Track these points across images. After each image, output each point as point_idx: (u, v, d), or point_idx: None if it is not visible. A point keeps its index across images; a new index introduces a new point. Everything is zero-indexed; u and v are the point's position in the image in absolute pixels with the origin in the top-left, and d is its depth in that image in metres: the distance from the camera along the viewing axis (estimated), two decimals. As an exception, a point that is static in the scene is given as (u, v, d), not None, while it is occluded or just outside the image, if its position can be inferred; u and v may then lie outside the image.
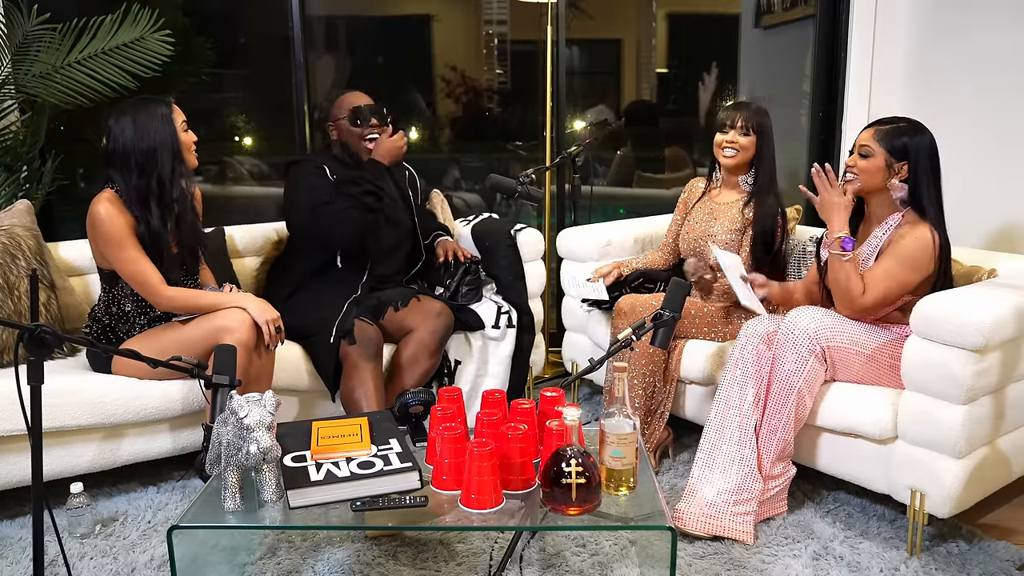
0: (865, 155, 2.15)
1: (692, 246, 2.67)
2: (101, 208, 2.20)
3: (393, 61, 4.04)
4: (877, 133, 2.14)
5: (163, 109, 2.26)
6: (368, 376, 2.36)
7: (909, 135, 2.11)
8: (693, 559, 2.01)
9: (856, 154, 2.17)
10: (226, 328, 2.19)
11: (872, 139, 2.14)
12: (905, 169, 2.11)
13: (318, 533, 2.12)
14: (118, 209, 2.22)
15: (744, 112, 2.54)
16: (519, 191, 3.01)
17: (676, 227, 2.81)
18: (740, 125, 2.53)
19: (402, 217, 2.74)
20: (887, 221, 2.17)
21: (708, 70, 4.20)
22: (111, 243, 2.21)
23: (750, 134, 2.54)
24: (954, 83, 3.07)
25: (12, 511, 2.31)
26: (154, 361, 1.85)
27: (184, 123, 2.31)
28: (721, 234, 2.58)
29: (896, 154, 2.11)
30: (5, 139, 2.81)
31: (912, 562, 2.00)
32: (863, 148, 2.15)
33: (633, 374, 2.42)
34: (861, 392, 2.12)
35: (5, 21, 2.78)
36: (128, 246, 2.22)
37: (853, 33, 3.38)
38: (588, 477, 1.55)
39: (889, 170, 2.13)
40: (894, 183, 2.13)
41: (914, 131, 2.12)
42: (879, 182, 2.14)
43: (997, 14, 2.91)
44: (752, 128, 2.53)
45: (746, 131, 2.53)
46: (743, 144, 2.54)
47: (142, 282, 2.24)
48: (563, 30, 3.55)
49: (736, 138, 2.54)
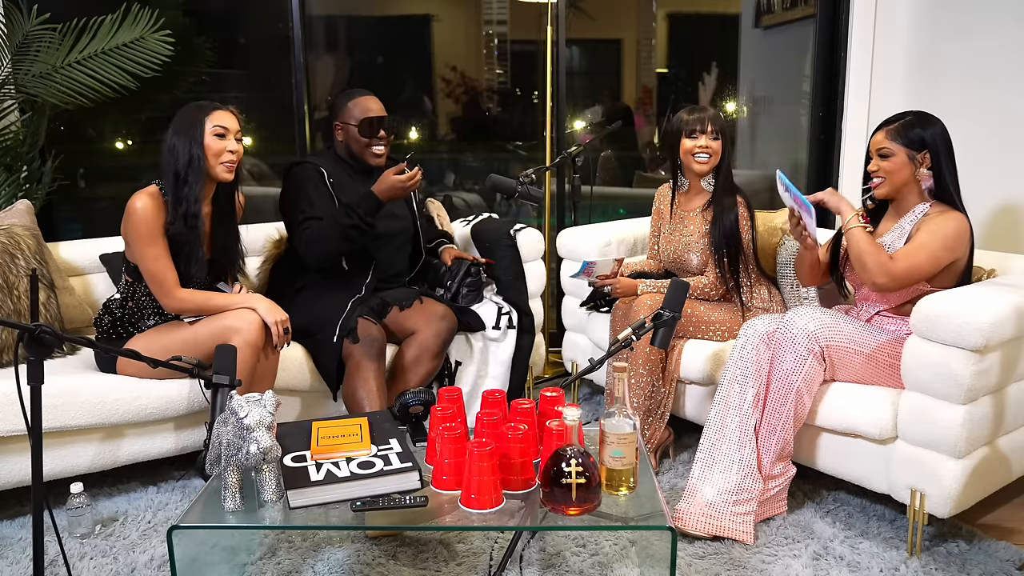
0: (885, 156, 2.15)
1: (672, 257, 2.68)
2: (139, 202, 2.20)
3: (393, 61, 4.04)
4: (890, 132, 2.15)
5: (201, 110, 2.25)
6: (371, 375, 2.36)
7: (921, 126, 2.13)
8: (693, 559, 2.02)
9: (876, 158, 2.18)
10: (235, 328, 2.19)
11: (887, 139, 2.15)
12: (928, 158, 2.13)
13: (318, 533, 2.12)
14: (156, 205, 2.22)
15: (711, 117, 2.54)
16: (519, 191, 3.01)
17: (655, 237, 2.82)
18: (711, 130, 2.54)
19: (402, 216, 2.74)
20: (914, 210, 2.18)
21: (708, 70, 4.20)
22: (139, 236, 2.21)
23: (719, 138, 2.55)
24: (954, 83, 3.08)
25: (12, 511, 2.31)
26: (154, 361, 1.85)
27: (221, 128, 2.24)
28: (695, 241, 2.59)
29: (915, 146, 2.13)
30: (5, 139, 2.81)
31: (912, 562, 2.00)
32: (881, 150, 2.16)
33: (633, 374, 2.42)
34: (861, 392, 2.12)
35: (5, 21, 2.78)
36: (155, 243, 2.22)
37: (853, 33, 3.38)
38: (588, 477, 1.55)
39: (913, 163, 2.14)
40: (922, 172, 2.14)
41: (925, 121, 2.14)
42: (907, 177, 2.15)
43: (997, 14, 2.91)
44: (720, 132, 2.55)
45: (716, 135, 2.54)
46: (715, 148, 2.55)
47: (159, 282, 2.23)
48: (563, 30, 3.55)
49: (708, 143, 2.54)
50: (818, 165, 3.70)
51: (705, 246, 2.57)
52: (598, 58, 4.39)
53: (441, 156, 4.25)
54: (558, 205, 3.62)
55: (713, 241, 2.55)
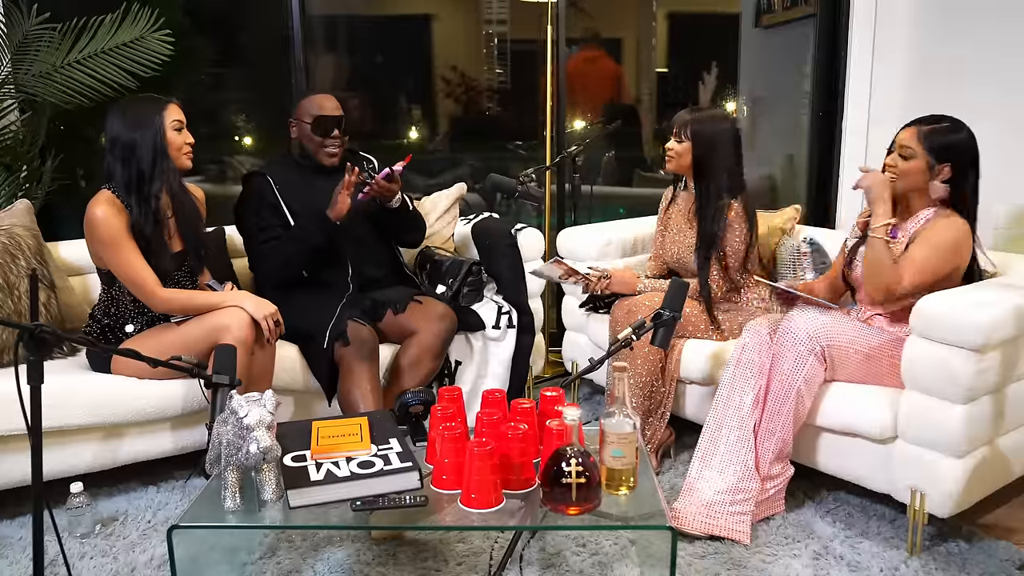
0: (906, 156, 2.11)
1: (675, 257, 2.67)
2: (98, 211, 2.20)
3: (393, 61, 4.04)
4: (919, 133, 2.10)
5: (154, 106, 2.26)
6: (364, 377, 2.36)
7: (953, 136, 2.08)
8: (693, 559, 2.01)
9: (897, 154, 2.14)
10: (225, 327, 2.19)
11: (914, 140, 2.10)
12: (947, 170, 2.08)
13: (318, 533, 2.12)
14: (115, 210, 2.22)
15: (680, 120, 2.53)
16: (519, 191, 3.01)
17: (660, 237, 2.81)
18: (675, 132, 2.54)
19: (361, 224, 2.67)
20: (919, 215, 2.15)
21: (708, 70, 4.20)
22: (107, 245, 2.21)
23: (683, 140, 2.52)
24: (954, 83, 3.07)
25: (12, 511, 2.31)
26: (154, 361, 1.85)
27: (178, 123, 2.29)
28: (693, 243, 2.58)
29: (938, 156, 2.08)
30: (5, 139, 2.81)
31: (912, 562, 2.00)
32: (904, 149, 2.11)
33: (633, 374, 2.42)
34: (861, 392, 2.12)
35: (5, 21, 2.78)
36: (124, 248, 2.22)
37: (853, 33, 3.38)
38: (588, 477, 1.55)
39: (931, 172, 2.10)
40: (935, 185, 2.10)
41: (956, 131, 2.09)
42: (919, 184, 2.12)
43: (997, 14, 2.91)
44: (685, 135, 2.51)
45: (679, 138, 2.53)
46: (677, 151, 2.53)
47: (139, 285, 2.24)
48: (563, 30, 3.55)
49: (672, 145, 2.55)
50: (818, 165, 3.70)
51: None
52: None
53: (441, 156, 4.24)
54: (558, 205, 3.62)
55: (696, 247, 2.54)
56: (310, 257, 2.53)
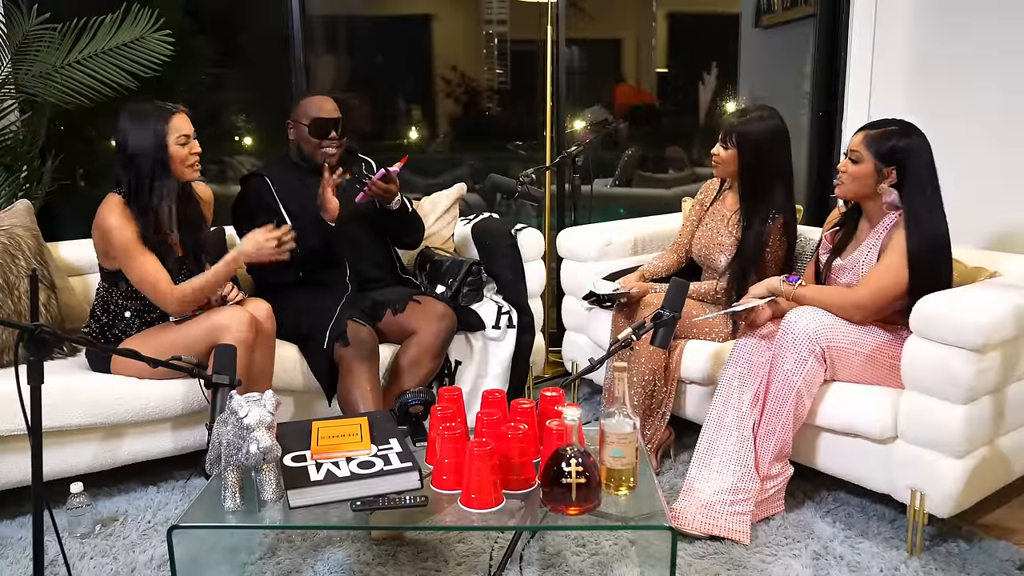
0: (855, 160, 2.13)
1: (702, 252, 2.65)
2: (112, 220, 2.19)
3: (393, 61, 4.04)
4: (867, 138, 2.12)
5: (159, 115, 2.23)
6: (364, 377, 2.36)
7: (900, 140, 2.08)
8: (693, 559, 2.01)
9: (848, 159, 2.16)
10: (224, 327, 2.19)
11: (862, 144, 2.12)
12: (894, 174, 2.09)
13: (318, 533, 2.12)
14: (127, 217, 2.22)
15: (727, 124, 2.49)
16: (519, 191, 3.00)
17: (692, 225, 2.74)
18: (721, 137, 2.50)
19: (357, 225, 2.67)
20: (883, 222, 2.16)
21: (708, 70, 4.20)
22: (122, 253, 2.21)
23: (729, 147, 2.47)
24: (954, 83, 3.07)
25: (12, 511, 2.31)
26: (154, 361, 1.85)
27: (184, 137, 2.25)
28: (728, 242, 2.56)
29: (884, 159, 2.09)
30: (5, 139, 2.81)
31: (912, 562, 2.00)
32: (853, 153, 2.13)
33: (635, 373, 2.42)
34: (861, 392, 2.12)
35: (5, 21, 2.79)
36: (137, 253, 2.22)
37: (853, 33, 3.38)
38: (588, 477, 1.55)
39: (879, 175, 2.11)
40: (883, 187, 2.11)
41: (903, 135, 2.09)
42: (868, 188, 2.13)
43: (997, 12, 2.91)
44: (732, 141, 2.46)
45: (725, 144, 2.49)
46: (723, 157, 2.49)
47: (153, 288, 2.23)
48: (563, 30, 3.55)
49: (718, 151, 2.51)
50: (818, 165, 3.70)
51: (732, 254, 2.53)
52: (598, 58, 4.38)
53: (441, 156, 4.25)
54: (558, 205, 3.62)
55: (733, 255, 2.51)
56: (307, 258, 2.53)
